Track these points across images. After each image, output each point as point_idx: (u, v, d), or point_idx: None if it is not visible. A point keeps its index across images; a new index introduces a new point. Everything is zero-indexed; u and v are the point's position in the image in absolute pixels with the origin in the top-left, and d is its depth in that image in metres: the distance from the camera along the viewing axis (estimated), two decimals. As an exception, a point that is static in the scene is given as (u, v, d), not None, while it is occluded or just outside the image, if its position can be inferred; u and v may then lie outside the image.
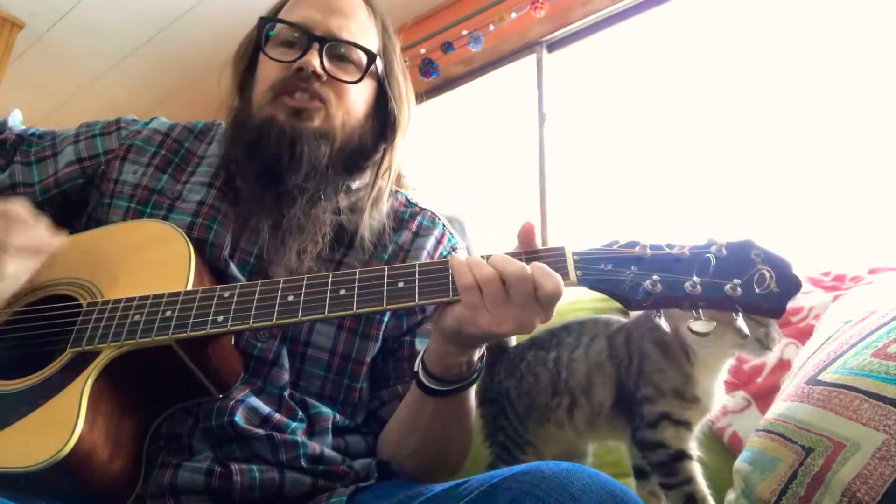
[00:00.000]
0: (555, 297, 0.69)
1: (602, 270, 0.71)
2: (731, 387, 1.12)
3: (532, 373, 1.01)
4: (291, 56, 0.92)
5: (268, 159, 0.90)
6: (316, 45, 0.91)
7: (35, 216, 0.81)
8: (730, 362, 0.91)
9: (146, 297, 0.77)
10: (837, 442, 0.72)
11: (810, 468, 0.73)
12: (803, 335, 1.08)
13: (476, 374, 0.80)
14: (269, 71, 0.93)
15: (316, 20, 0.93)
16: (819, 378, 0.83)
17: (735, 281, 0.68)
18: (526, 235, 0.74)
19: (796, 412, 0.82)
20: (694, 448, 0.89)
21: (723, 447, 1.10)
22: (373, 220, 0.97)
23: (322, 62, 0.91)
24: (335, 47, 0.93)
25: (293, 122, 0.91)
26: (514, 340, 1.09)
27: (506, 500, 0.61)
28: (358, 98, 0.95)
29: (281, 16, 0.97)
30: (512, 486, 0.62)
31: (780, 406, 0.88)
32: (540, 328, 1.03)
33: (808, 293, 1.17)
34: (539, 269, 0.70)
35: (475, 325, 0.70)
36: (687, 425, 0.89)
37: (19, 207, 0.79)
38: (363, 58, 0.95)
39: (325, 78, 0.91)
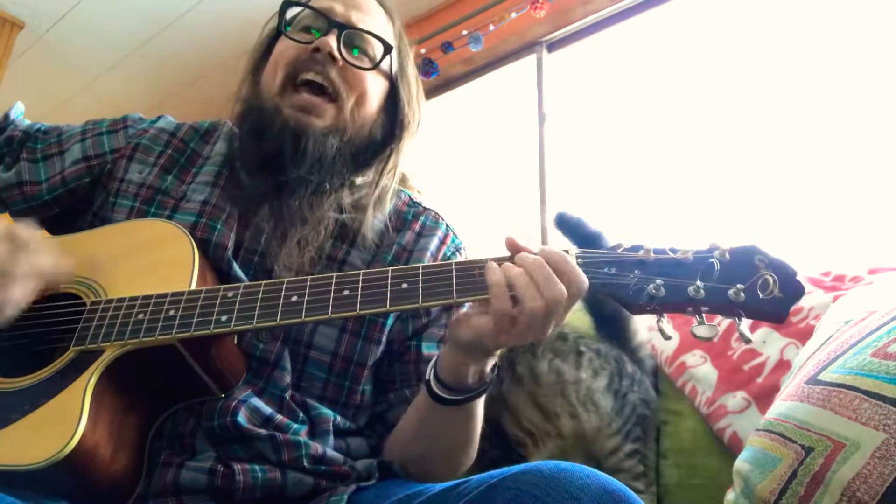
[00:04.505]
0: (576, 298, 0.71)
1: (606, 274, 0.71)
2: (732, 387, 1.13)
3: None
4: (310, 40, 0.94)
5: (271, 148, 0.91)
6: (335, 31, 0.94)
7: (40, 240, 0.80)
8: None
9: (150, 297, 0.77)
10: (837, 441, 0.72)
11: (810, 468, 0.73)
12: (803, 335, 1.08)
13: (487, 384, 0.80)
14: (285, 51, 0.95)
15: (337, 11, 0.96)
16: (819, 378, 0.83)
17: (738, 286, 0.68)
18: (513, 250, 0.73)
19: (796, 412, 0.82)
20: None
21: (723, 447, 1.11)
22: (375, 218, 0.97)
23: (339, 47, 0.93)
24: (353, 35, 0.96)
25: (300, 116, 0.91)
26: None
27: (505, 499, 0.61)
28: (371, 91, 0.97)
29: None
30: (511, 485, 0.62)
31: (779, 406, 0.88)
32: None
33: (808, 293, 1.17)
34: (573, 271, 0.69)
35: (496, 342, 0.72)
36: None
37: (26, 232, 0.78)
38: (378, 52, 0.97)
39: (340, 62, 0.93)
